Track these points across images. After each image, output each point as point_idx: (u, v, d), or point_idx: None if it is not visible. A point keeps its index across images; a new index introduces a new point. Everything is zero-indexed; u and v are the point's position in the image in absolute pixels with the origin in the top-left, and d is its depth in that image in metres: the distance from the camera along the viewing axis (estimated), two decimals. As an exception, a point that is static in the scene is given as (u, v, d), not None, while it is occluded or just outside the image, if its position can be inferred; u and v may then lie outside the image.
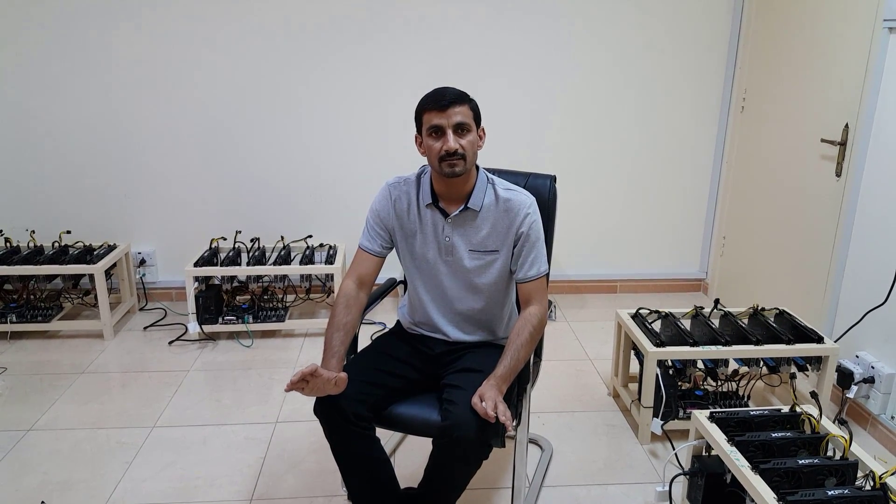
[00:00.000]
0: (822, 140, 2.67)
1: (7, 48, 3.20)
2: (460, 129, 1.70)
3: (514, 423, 1.80)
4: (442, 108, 1.68)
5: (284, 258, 3.28)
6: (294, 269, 3.21)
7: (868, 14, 2.42)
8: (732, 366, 2.40)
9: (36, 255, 3.21)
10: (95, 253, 3.25)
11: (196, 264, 3.14)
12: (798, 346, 2.32)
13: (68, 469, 2.21)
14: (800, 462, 1.65)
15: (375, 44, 3.32)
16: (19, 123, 3.32)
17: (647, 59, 3.43)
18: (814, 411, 1.86)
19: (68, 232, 3.44)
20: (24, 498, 2.07)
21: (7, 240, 3.34)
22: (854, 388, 2.41)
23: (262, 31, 3.27)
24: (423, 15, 3.29)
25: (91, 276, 3.13)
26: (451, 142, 1.68)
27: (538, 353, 2.02)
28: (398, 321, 2.05)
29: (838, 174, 2.59)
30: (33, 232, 3.39)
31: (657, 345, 2.32)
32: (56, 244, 3.34)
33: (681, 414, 2.34)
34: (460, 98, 1.71)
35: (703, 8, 3.37)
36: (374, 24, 3.29)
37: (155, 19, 3.21)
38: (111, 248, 3.34)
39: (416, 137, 1.80)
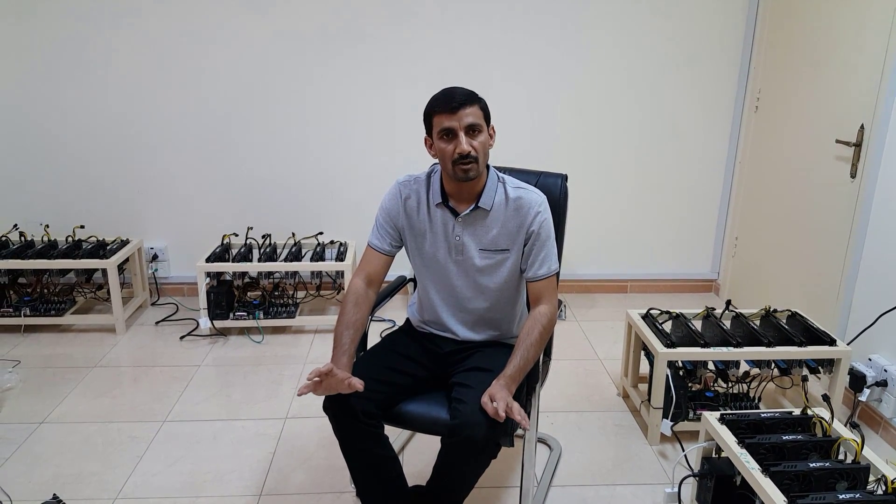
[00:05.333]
0: (837, 141, 2.65)
1: (20, 46, 3.23)
2: (472, 131, 1.68)
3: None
4: (452, 110, 1.66)
5: (295, 255, 3.29)
6: (305, 266, 3.22)
7: (885, 13, 2.39)
8: (743, 367, 2.38)
9: (50, 249, 3.23)
10: (108, 248, 3.28)
11: (208, 260, 3.16)
12: (810, 348, 2.30)
13: (80, 462, 2.23)
14: (811, 465, 1.64)
15: (384, 41, 3.32)
16: (34, 120, 3.35)
17: (660, 58, 3.41)
18: (825, 414, 1.84)
19: (82, 227, 3.47)
20: (36, 490, 2.09)
21: (21, 234, 3.37)
22: (866, 391, 2.40)
23: (272, 29, 3.28)
24: (433, 12, 3.29)
25: (104, 271, 3.16)
26: (464, 144, 1.66)
27: (548, 352, 2.01)
28: (407, 319, 2.05)
29: (853, 175, 2.56)
30: (47, 226, 3.42)
31: (668, 345, 2.31)
32: (70, 239, 3.36)
33: (691, 415, 2.33)
34: (470, 99, 1.68)
35: (718, 7, 3.34)
36: (383, 21, 3.29)
37: (167, 17, 3.23)
38: (124, 243, 3.36)
39: (425, 140, 1.77)
